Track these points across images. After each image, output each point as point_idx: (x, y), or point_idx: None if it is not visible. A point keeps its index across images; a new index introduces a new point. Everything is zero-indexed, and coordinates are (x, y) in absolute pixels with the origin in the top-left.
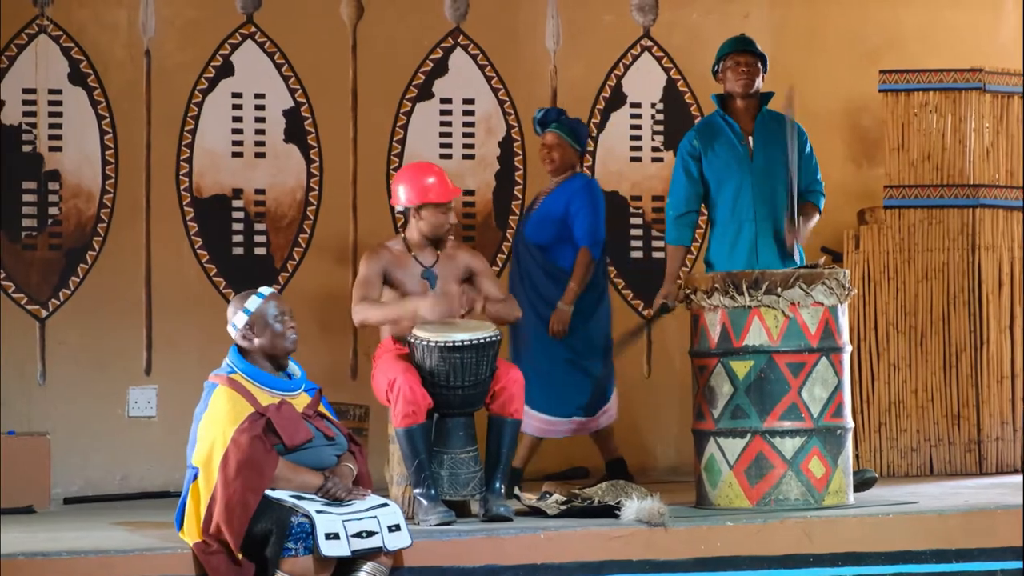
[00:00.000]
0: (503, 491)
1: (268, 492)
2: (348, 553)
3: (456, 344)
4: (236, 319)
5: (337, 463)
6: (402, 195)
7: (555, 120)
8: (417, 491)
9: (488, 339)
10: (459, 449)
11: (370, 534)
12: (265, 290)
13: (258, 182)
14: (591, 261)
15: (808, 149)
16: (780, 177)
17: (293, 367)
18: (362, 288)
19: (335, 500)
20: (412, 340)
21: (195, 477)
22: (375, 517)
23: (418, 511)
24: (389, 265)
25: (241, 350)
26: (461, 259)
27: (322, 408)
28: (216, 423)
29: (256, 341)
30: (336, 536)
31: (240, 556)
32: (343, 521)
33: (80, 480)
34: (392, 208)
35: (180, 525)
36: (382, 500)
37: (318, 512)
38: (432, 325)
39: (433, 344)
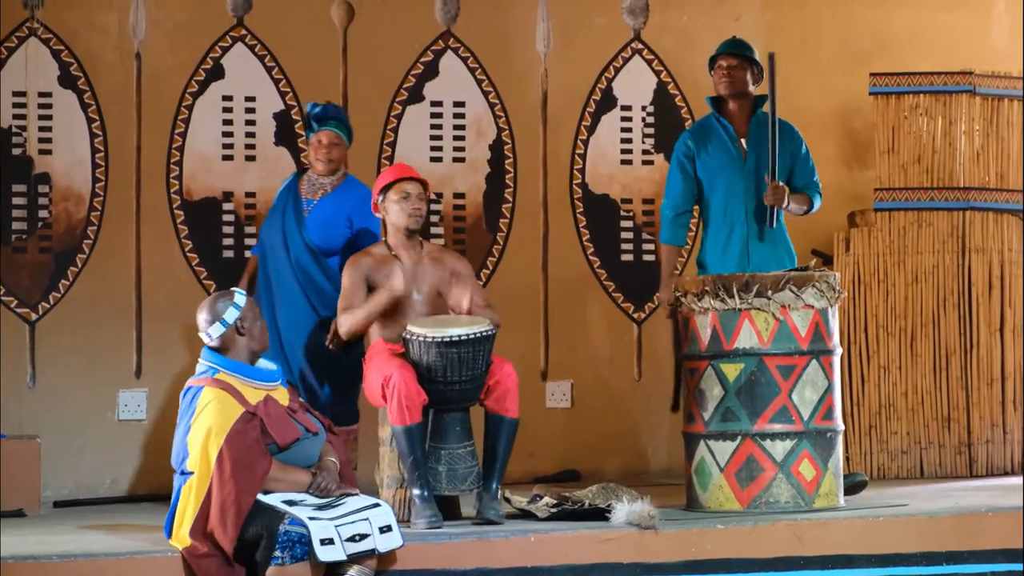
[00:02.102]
0: (498, 494)
1: (259, 497)
2: (344, 557)
3: (453, 339)
4: (227, 315)
5: (320, 457)
6: (374, 192)
7: (334, 117)
8: (413, 490)
9: (484, 333)
10: (456, 444)
11: (363, 537)
12: (238, 289)
13: (249, 185)
14: None
15: (804, 149)
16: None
17: (263, 361)
18: (344, 300)
19: (327, 495)
20: (408, 336)
21: (184, 484)
22: (366, 519)
23: (411, 511)
24: (370, 270)
25: (217, 351)
26: (447, 261)
27: (302, 401)
28: (208, 426)
29: (245, 337)
30: (331, 541)
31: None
32: (336, 526)
33: (70, 483)
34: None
35: (169, 532)
36: (373, 500)
37: (311, 519)
38: (427, 321)
39: (430, 340)
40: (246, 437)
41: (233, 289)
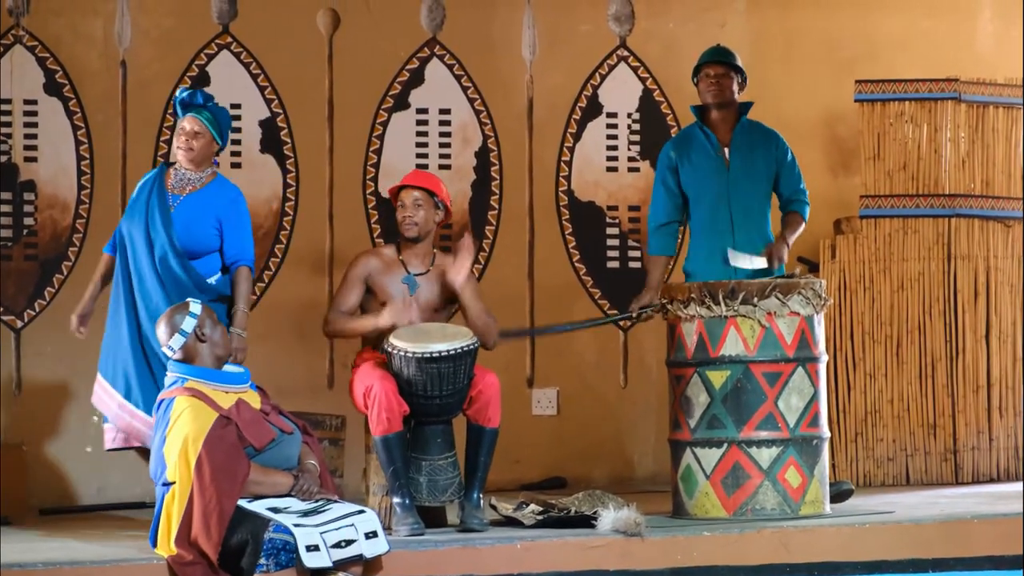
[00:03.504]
0: (480, 502)
1: (244, 504)
2: (330, 564)
3: (433, 355)
4: (184, 325)
5: (299, 460)
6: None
7: (201, 105)
8: (394, 499)
9: (465, 348)
10: (437, 455)
11: (349, 543)
12: (193, 299)
13: None
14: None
15: (790, 157)
16: (757, 187)
17: (230, 366)
18: (337, 297)
19: (309, 497)
20: (389, 349)
21: (166, 493)
22: (352, 525)
23: (392, 519)
24: (374, 271)
25: (182, 362)
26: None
27: (273, 403)
28: (184, 433)
29: (207, 343)
30: (317, 548)
31: (217, 566)
32: (321, 532)
33: (57, 491)
34: (370, 218)
35: (154, 542)
36: (358, 507)
37: (296, 526)
38: (409, 332)
39: (410, 355)
40: (223, 442)
41: (188, 300)
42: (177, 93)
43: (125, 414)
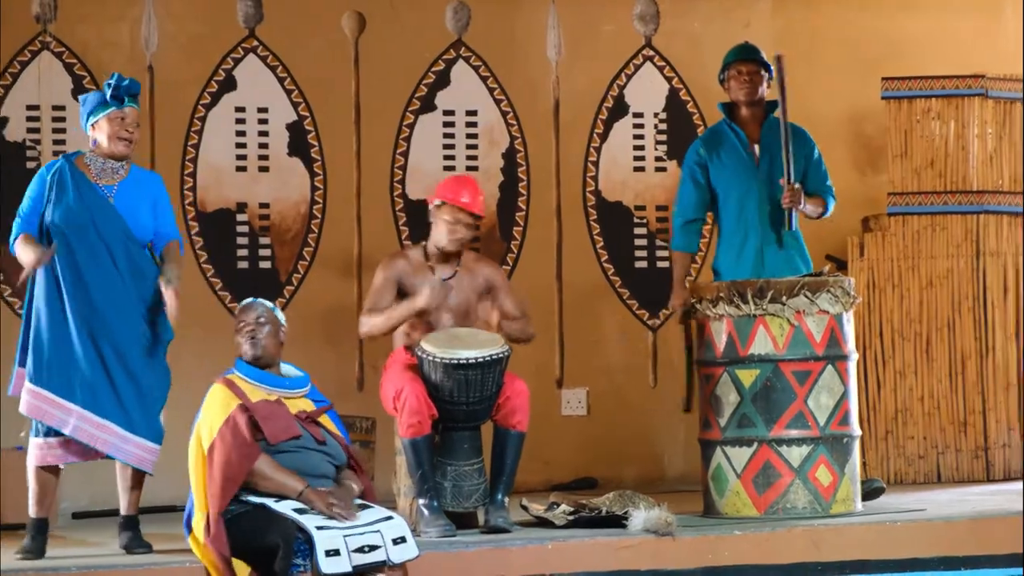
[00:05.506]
0: (505, 503)
1: (271, 504)
2: (349, 569)
3: (461, 362)
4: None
5: (337, 475)
6: (436, 192)
7: (138, 93)
8: (420, 501)
9: (495, 356)
10: (464, 461)
11: (372, 548)
12: (248, 300)
13: (262, 196)
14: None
15: (817, 154)
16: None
17: (290, 370)
18: (371, 298)
19: (330, 511)
20: (419, 353)
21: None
22: (378, 531)
23: (420, 522)
24: (404, 273)
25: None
26: (481, 272)
27: (327, 420)
28: (205, 416)
29: (241, 341)
30: (336, 552)
31: (213, 524)
32: (344, 536)
33: (88, 495)
34: (397, 220)
35: (189, 529)
36: (386, 513)
37: (318, 528)
38: (440, 337)
39: (439, 360)
40: (234, 423)
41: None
42: (112, 80)
43: (88, 426)
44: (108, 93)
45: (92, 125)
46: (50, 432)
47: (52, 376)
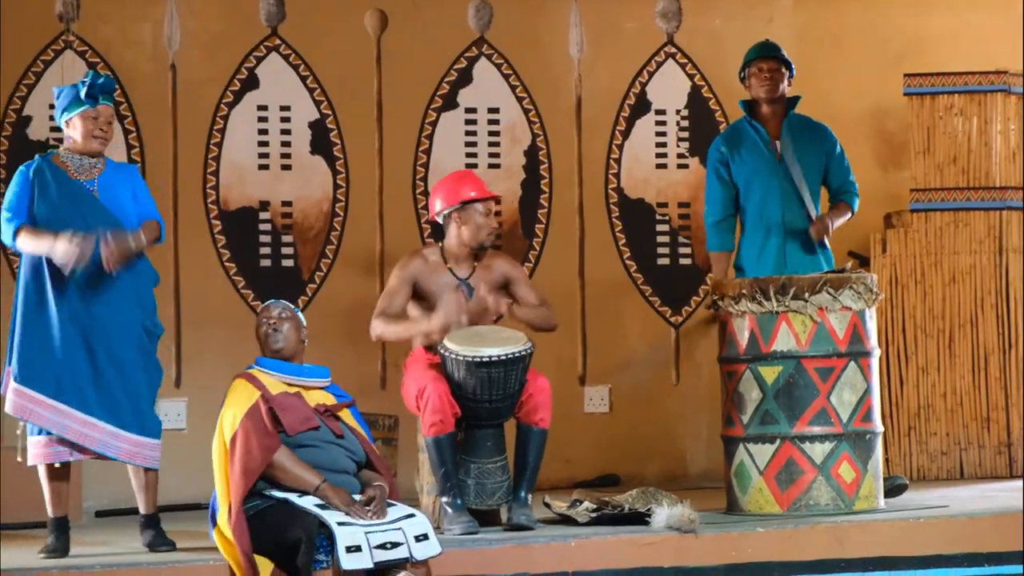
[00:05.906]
0: (528, 500)
1: (295, 500)
2: (371, 565)
3: (485, 359)
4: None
5: (357, 472)
6: (439, 201)
7: (113, 91)
8: (443, 499)
9: (518, 354)
10: (487, 459)
11: (394, 545)
12: (270, 301)
13: (285, 194)
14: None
15: (839, 149)
16: (807, 179)
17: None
18: (383, 300)
19: (357, 511)
20: (442, 351)
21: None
22: (400, 528)
23: (443, 519)
24: (421, 275)
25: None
26: (497, 267)
27: (349, 417)
28: (228, 409)
29: (263, 336)
30: (358, 548)
31: (234, 515)
32: (366, 533)
33: (111, 493)
34: (420, 218)
35: (214, 523)
36: (409, 511)
37: (340, 524)
38: (463, 335)
39: (461, 358)
40: (256, 414)
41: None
42: (87, 78)
43: (75, 424)
44: (82, 91)
45: (66, 122)
46: (44, 430)
47: (36, 375)
